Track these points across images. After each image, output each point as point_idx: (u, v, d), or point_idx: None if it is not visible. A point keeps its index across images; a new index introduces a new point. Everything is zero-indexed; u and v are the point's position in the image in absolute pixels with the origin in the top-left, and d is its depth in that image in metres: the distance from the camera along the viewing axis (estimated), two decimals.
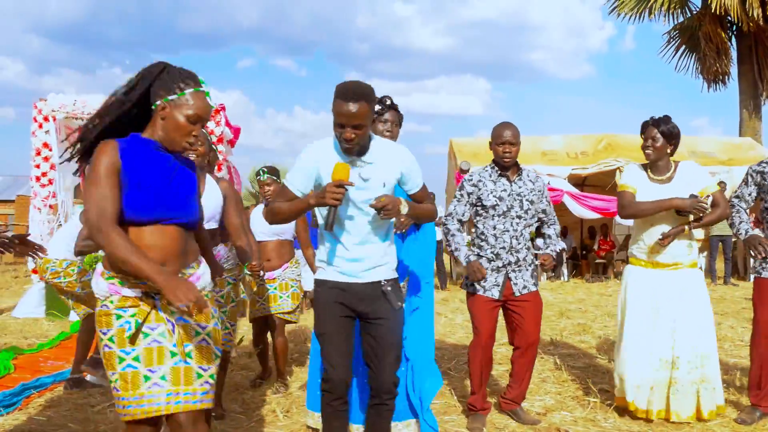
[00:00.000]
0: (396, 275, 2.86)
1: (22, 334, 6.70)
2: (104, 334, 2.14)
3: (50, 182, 8.51)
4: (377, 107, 3.24)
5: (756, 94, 17.18)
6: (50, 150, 8.53)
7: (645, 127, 3.73)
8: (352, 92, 2.56)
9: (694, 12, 17.61)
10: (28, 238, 3.34)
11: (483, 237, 3.71)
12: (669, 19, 17.94)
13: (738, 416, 3.75)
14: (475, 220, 3.76)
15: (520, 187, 3.70)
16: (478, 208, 3.71)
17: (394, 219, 2.77)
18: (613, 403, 3.96)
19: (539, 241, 3.84)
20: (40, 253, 3.42)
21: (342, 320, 2.76)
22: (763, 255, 3.64)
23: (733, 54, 17.51)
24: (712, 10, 15.87)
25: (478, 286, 3.69)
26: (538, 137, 13.00)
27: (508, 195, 3.67)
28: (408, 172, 2.79)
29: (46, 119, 8.46)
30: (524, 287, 3.71)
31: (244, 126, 9.99)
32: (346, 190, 2.56)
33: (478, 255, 3.71)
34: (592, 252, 13.77)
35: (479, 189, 3.70)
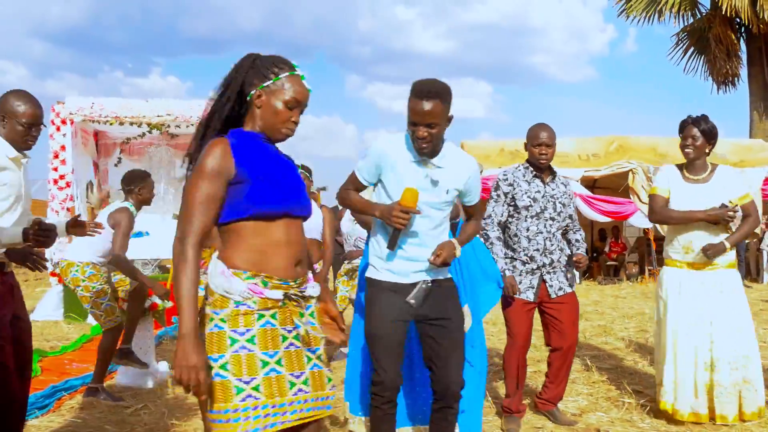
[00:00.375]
0: (449, 275, 2.82)
1: (43, 337, 6.70)
2: (241, 335, 1.90)
3: (68, 185, 8.51)
4: None
5: (766, 96, 17.11)
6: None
7: (684, 126, 3.71)
8: (426, 90, 2.53)
9: (704, 14, 17.60)
10: (79, 218, 3.32)
11: (516, 239, 3.69)
12: (678, 21, 17.93)
13: None
14: (507, 222, 3.75)
15: (553, 189, 3.70)
16: (511, 209, 3.70)
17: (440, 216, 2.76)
18: (647, 404, 3.95)
19: None
20: (98, 230, 3.44)
21: (396, 324, 2.69)
22: None
23: (743, 56, 17.51)
24: (722, 12, 15.84)
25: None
26: None
27: (542, 196, 3.66)
28: (472, 184, 2.78)
29: (63, 122, 8.46)
30: (560, 289, 3.70)
31: None
32: (412, 216, 2.56)
33: (512, 258, 3.70)
34: (603, 254, 13.76)
35: (514, 189, 3.69)
